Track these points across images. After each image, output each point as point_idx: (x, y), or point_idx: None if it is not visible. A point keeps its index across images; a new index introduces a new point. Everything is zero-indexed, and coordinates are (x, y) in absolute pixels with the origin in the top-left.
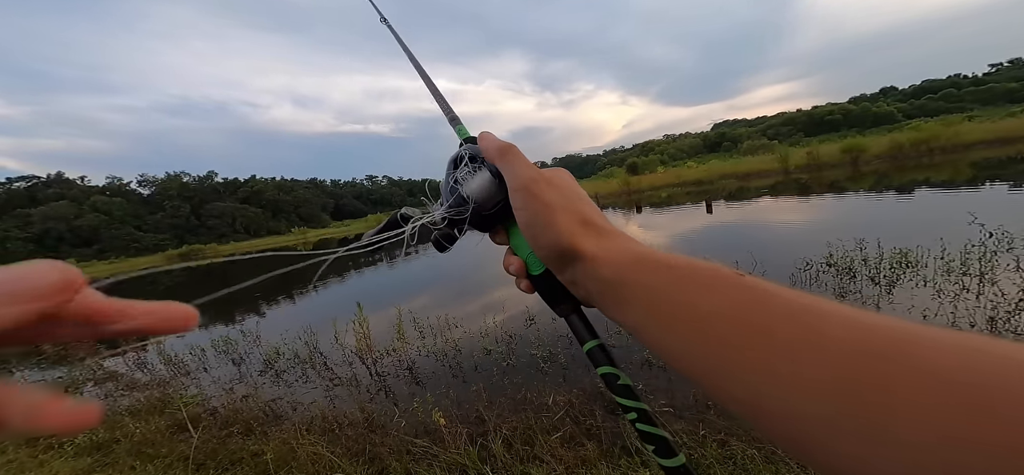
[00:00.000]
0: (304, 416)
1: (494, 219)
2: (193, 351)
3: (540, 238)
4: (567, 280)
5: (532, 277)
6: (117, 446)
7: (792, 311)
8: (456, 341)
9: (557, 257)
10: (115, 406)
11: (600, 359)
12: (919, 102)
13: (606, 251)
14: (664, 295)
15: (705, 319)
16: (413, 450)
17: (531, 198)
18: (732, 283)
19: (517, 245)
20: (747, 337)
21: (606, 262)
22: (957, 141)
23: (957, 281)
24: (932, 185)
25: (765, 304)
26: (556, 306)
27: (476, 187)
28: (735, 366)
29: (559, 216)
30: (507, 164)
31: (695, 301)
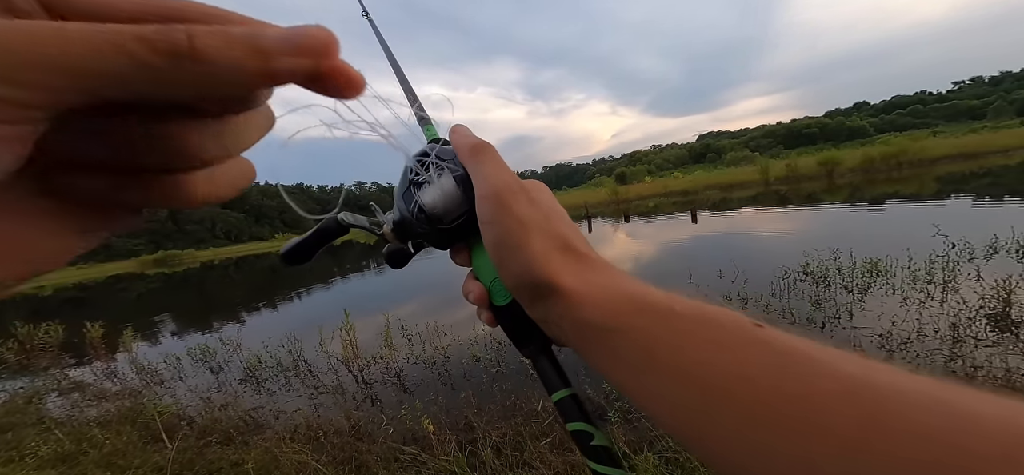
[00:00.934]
0: (287, 424)
1: (454, 235)
2: (167, 360)
3: (509, 263)
4: (538, 317)
5: (495, 308)
6: (84, 457)
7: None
8: (445, 348)
9: (528, 288)
10: (82, 416)
11: (572, 413)
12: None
13: (590, 287)
14: (668, 349)
15: (725, 384)
16: (401, 457)
17: (501, 211)
18: (753, 339)
19: (480, 267)
20: (788, 418)
21: (590, 302)
22: (923, 155)
23: (923, 289)
24: (901, 197)
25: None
26: (522, 346)
27: (435, 195)
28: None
29: (534, 237)
30: (477, 165)
31: (711, 360)
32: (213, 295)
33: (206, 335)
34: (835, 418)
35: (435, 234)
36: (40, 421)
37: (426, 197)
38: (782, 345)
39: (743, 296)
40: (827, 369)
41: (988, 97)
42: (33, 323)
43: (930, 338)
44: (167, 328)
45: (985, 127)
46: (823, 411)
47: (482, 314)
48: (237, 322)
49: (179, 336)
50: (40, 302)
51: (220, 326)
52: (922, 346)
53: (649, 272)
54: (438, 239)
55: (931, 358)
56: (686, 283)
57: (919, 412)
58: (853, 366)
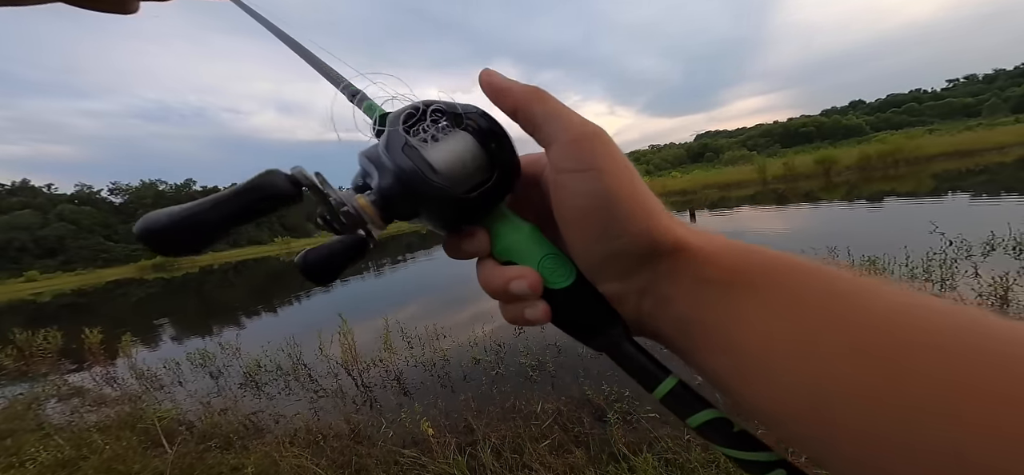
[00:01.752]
0: (287, 428)
1: (471, 209)
2: (167, 364)
3: (620, 223)
4: (631, 289)
5: (554, 293)
6: (84, 462)
7: None
8: (444, 351)
9: (643, 252)
10: (81, 422)
11: (691, 402)
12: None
13: (711, 244)
14: (838, 311)
15: (925, 353)
16: (401, 460)
17: (608, 154)
18: (992, 331)
19: (515, 246)
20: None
21: (717, 262)
22: (919, 153)
23: (920, 287)
24: (898, 195)
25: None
26: (600, 333)
27: (451, 153)
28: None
29: (641, 185)
30: (553, 108)
31: (904, 320)
32: (212, 299)
33: (205, 340)
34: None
35: (449, 206)
36: (40, 427)
37: (436, 155)
38: (989, 317)
39: None
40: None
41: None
42: (32, 329)
43: None
44: (166, 333)
45: (980, 124)
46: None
47: (535, 309)
48: (237, 326)
49: (178, 341)
50: (38, 308)
51: (219, 330)
52: None
53: None
54: (449, 214)
55: None
56: None
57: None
58: None
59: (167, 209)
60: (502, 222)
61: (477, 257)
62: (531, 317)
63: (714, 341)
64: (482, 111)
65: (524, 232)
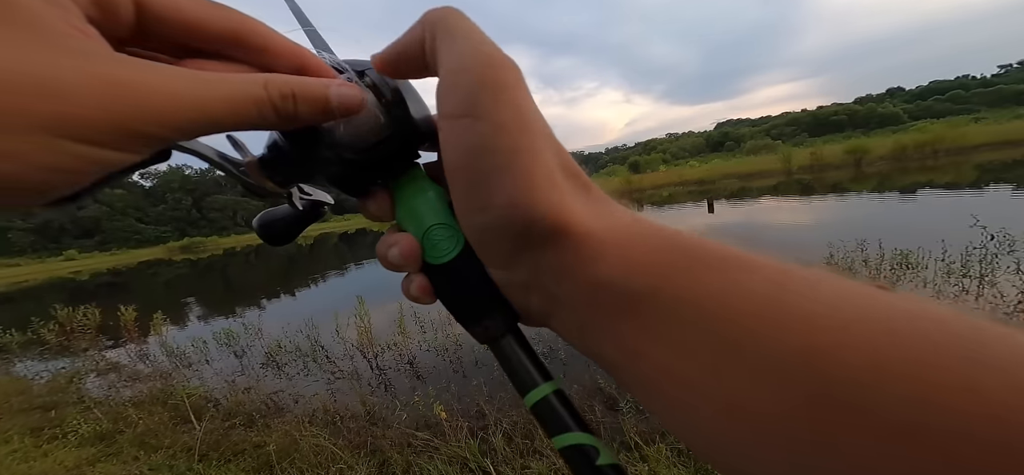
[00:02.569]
0: (306, 408)
1: (370, 170)
2: (195, 343)
3: (495, 184)
4: (515, 282)
5: (432, 268)
6: (120, 436)
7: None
8: (457, 336)
9: (518, 228)
10: (118, 397)
11: (559, 420)
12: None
13: (612, 231)
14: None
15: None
16: (414, 443)
17: (498, 98)
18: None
19: (408, 212)
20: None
21: (614, 253)
22: (962, 143)
23: (957, 283)
24: (935, 187)
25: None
26: (475, 321)
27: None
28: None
29: (540, 147)
30: (450, 30)
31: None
32: (235, 281)
33: (230, 320)
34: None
35: (342, 168)
36: (81, 400)
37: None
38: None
39: None
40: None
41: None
42: (72, 306)
43: None
44: (194, 312)
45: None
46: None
47: (412, 283)
48: (258, 307)
49: (205, 320)
50: (78, 286)
51: (242, 311)
52: None
53: None
54: (344, 178)
55: None
56: None
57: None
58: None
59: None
60: (408, 186)
61: (383, 219)
62: (410, 291)
63: (613, 359)
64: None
65: (423, 198)
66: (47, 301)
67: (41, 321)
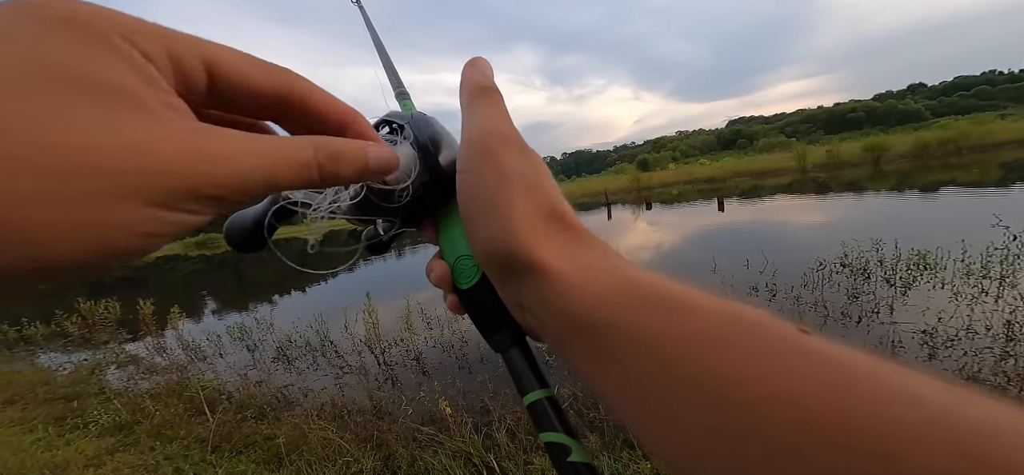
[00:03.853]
0: (315, 402)
1: (417, 209)
2: (209, 337)
3: (479, 224)
4: (511, 301)
5: (460, 292)
6: (138, 427)
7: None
8: (462, 333)
9: (500, 261)
10: (136, 388)
11: (547, 420)
12: (949, 99)
13: (578, 268)
14: (683, 355)
15: (763, 404)
16: (419, 437)
17: (482, 158)
18: (801, 348)
19: (447, 243)
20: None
21: (578, 287)
22: (987, 140)
23: (976, 284)
24: (957, 186)
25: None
26: (489, 335)
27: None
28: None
29: (515, 194)
30: (476, 106)
31: (745, 371)
32: (248, 276)
33: (242, 314)
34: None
35: (391, 210)
36: (101, 391)
37: None
38: (839, 358)
39: (772, 287)
40: (902, 393)
41: None
42: (94, 299)
43: (981, 336)
44: (208, 307)
45: None
46: (899, 442)
47: (447, 298)
48: (269, 302)
49: (219, 315)
50: (98, 279)
51: (255, 306)
52: (971, 344)
53: (669, 261)
54: (393, 214)
55: (980, 357)
56: (710, 273)
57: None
58: (936, 392)
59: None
60: (445, 219)
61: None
62: (448, 305)
63: (583, 373)
64: (425, 119)
65: (453, 233)
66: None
67: (64, 314)
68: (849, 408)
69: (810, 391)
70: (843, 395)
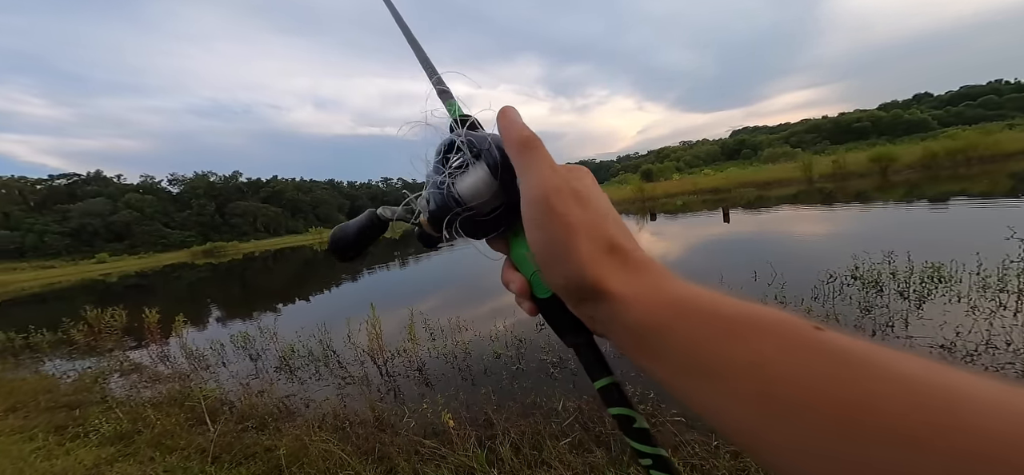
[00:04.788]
0: (316, 413)
1: (491, 225)
2: (213, 346)
3: (555, 268)
4: (584, 316)
5: (538, 300)
6: (139, 436)
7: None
8: (466, 344)
9: (575, 293)
10: (138, 397)
11: (615, 398)
12: (956, 109)
13: (635, 290)
14: (711, 348)
15: (775, 390)
16: (422, 451)
17: (549, 216)
18: (809, 341)
19: (520, 259)
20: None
21: (636, 305)
22: (996, 150)
23: (994, 298)
24: (968, 196)
25: (862, 373)
26: (564, 335)
27: (470, 186)
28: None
29: (582, 243)
30: (526, 164)
31: (760, 364)
32: (253, 285)
33: (247, 323)
34: (897, 421)
35: (471, 224)
36: (103, 400)
37: (462, 187)
38: (840, 347)
39: (781, 299)
40: (887, 370)
41: None
42: (100, 307)
43: (1001, 351)
44: (213, 315)
45: None
46: (883, 414)
47: (524, 304)
48: (274, 311)
49: (223, 323)
50: (107, 288)
51: (259, 315)
52: (992, 359)
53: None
54: (475, 229)
55: (1002, 372)
56: (717, 285)
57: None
58: (917, 367)
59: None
60: (519, 236)
61: (505, 255)
62: (525, 309)
63: (647, 370)
64: (499, 144)
65: (525, 248)
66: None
67: (71, 321)
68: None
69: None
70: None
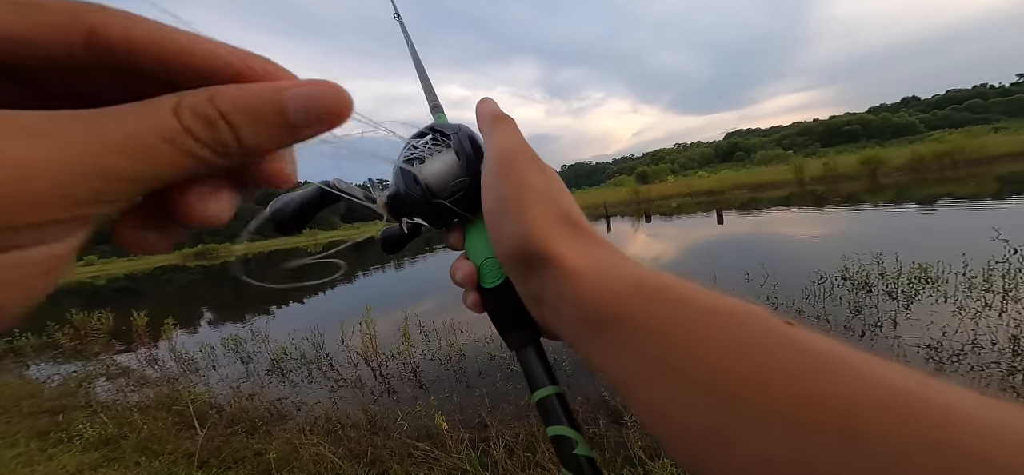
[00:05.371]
0: (308, 416)
1: (450, 211)
2: (203, 349)
3: (505, 227)
4: (531, 295)
5: (483, 291)
6: (124, 442)
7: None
8: (461, 346)
9: (522, 257)
10: (125, 401)
11: (554, 415)
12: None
13: (591, 265)
14: (680, 344)
15: (743, 390)
16: (414, 453)
17: (506, 172)
18: (782, 338)
19: (473, 246)
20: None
21: (591, 281)
22: (982, 154)
23: (979, 298)
24: (955, 199)
25: (842, 375)
26: (507, 333)
27: (434, 168)
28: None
29: (536, 205)
30: (496, 131)
31: (732, 358)
32: (245, 287)
33: (238, 326)
34: (875, 433)
35: (430, 208)
36: (88, 405)
37: (425, 170)
38: (816, 347)
39: (773, 300)
40: (868, 377)
41: None
42: (87, 310)
43: (987, 350)
44: (204, 318)
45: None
46: (861, 423)
47: (468, 297)
48: (266, 314)
49: (214, 326)
50: (95, 291)
51: (251, 318)
52: (977, 359)
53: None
54: (433, 215)
55: (987, 371)
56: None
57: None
58: (900, 377)
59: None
60: (475, 226)
61: (458, 249)
62: (467, 303)
63: (594, 363)
64: (469, 133)
65: (482, 238)
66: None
67: (56, 325)
68: (817, 390)
69: (785, 376)
70: (814, 378)
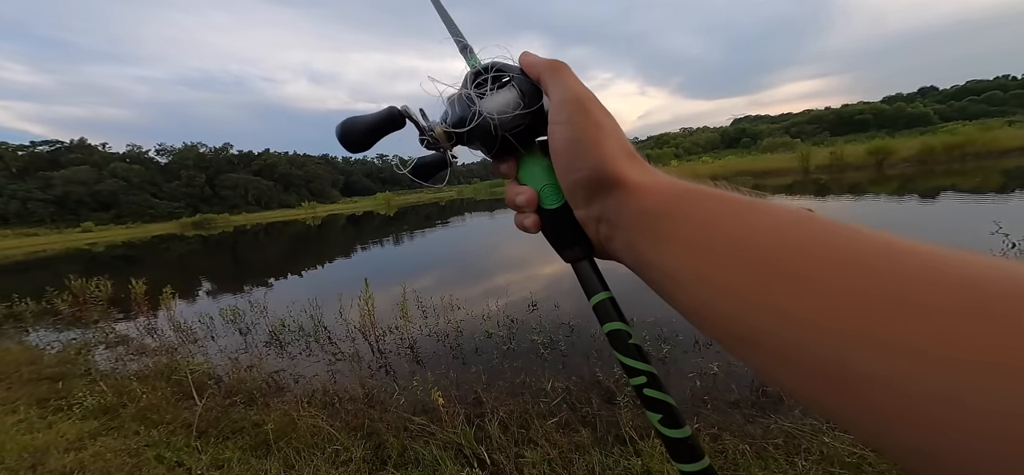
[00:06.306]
0: (305, 389)
1: (509, 144)
2: (202, 319)
3: (581, 159)
4: (592, 216)
5: (544, 210)
6: (123, 410)
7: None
8: (458, 322)
9: (595, 183)
10: (124, 370)
11: (609, 314)
12: (960, 104)
13: (652, 181)
14: (717, 226)
15: (776, 255)
16: (410, 427)
17: (582, 113)
18: (809, 218)
19: (530, 174)
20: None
21: (653, 192)
22: (993, 146)
23: None
24: (958, 191)
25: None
26: (565, 249)
27: (502, 103)
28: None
29: (609, 140)
30: (560, 77)
31: (759, 236)
32: (244, 258)
33: (236, 297)
34: (910, 280)
35: (492, 140)
36: (87, 372)
37: (491, 104)
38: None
39: None
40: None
41: None
42: (86, 277)
43: None
44: (202, 288)
45: None
46: (893, 273)
47: (527, 219)
48: (265, 286)
49: (213, 296)
50: (93, 258)
51: (249, 289)
52: None
53: None
54: (492, 145)
55: None
56: None
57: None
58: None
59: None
60: (529, 156)
61: (509, 178)
62: (527, 224)
63: (647, 260)
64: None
65: (539, 165)
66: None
67: (55, 291)
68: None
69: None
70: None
